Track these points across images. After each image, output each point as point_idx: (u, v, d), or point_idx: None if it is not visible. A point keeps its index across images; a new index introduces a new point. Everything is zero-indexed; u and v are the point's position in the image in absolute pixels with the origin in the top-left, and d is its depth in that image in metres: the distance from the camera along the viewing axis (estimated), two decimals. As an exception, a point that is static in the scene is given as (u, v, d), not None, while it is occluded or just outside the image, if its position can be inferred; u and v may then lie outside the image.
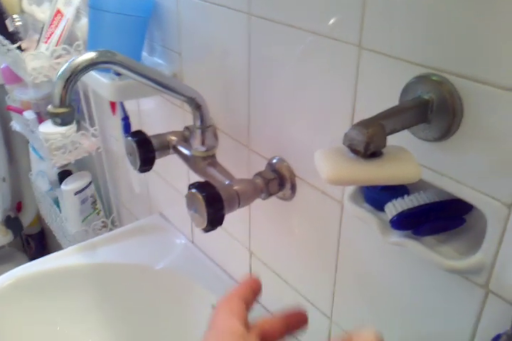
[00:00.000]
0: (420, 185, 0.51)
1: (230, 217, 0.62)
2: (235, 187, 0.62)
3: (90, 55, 0.56)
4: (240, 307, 0.40)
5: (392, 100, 0.48)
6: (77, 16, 1.08)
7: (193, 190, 0.59)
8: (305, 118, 0.61)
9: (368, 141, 0.39)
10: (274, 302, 0.82)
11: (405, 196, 0.49)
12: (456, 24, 0.41)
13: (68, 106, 0.55)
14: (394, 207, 0.49)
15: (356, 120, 0.54)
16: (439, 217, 0.49)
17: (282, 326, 0.41)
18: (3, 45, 1.12)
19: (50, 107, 0.54)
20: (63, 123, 0.54)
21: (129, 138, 0.72)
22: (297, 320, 0.43)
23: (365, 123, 0.40)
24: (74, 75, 0.55)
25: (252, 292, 0.42)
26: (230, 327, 0.38)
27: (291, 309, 0.43)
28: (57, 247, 1.61)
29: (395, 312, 0.58)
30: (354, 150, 0.40)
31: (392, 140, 0.42)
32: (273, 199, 0.68)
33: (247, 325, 0.38)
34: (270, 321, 0.41)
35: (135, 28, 0.79)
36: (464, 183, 0.45)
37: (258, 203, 0.66)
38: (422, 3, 0.43)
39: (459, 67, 0.42)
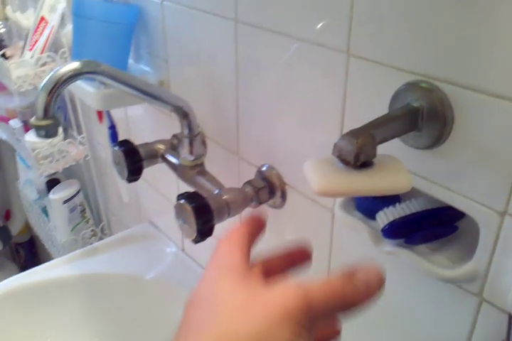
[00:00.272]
0: (411, 193, 0.50)
1: (220, 225, 0.61)
2: (225, 197, 0.61)
3: (74, 65, 0.55)
4: (242, 243, 0.37)
5: (382, 107, 0.47)
6: (62, 23, 1.06)
7: (182, 201, 0.58)
8: (294, 125, 0.60)
9: (358, 152, 0.39)
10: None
11: (397, 204, 0.49)
12: (445, 30, 0.41)
13: (52, 117, 0.53)
14: (385, 216, 0.48)
15: (346, 127, 0.53)
16: (431, 225, 0.48)
17: (285, 263, 0.39)
18: (-13, 54, 1.10)
19: (33, 119, 0.53)
20: (47, 136, 0.53)
21: (116, 148, 0.71)
22: (301, 256, 0.40)
23: (354, 133, 0.40)
24: (57, 86, 0.54)
25: (256, 228, 0.40)
26: (231, 264, 0.35)
27: (295, 244, 0.41)
28: (48, 255, 1.59)
29: (388, 320, 0.57)
30: (344, 161, 0.40)
31: (382, 148, 0.41)
32: (263, 207, 0.67)
33: (248, 262, 0.36)
34: (273, 259, 0.39)
35: (120, 36, 0.78)
36: (456, 191, 0.44)
37: (248, 211, 0.66)
38: (411, 9, 0.43)
39: (449, 73, 0.41)
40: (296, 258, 0.40)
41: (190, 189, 0.71)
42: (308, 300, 0.31)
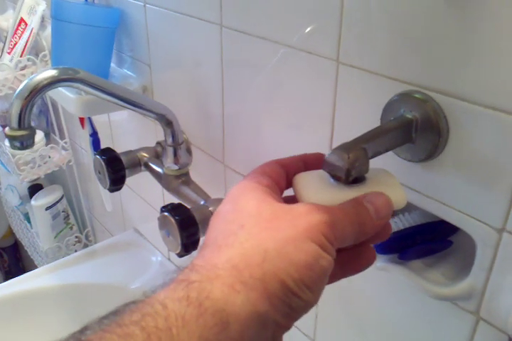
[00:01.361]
0: (405, 207, 0.48)
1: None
2: (210, 208, 0.59)
3: (51, 72, 0.52)
4: (276, 173, 0.36)
5: (373, 116, 0.45)
6: (42, 25, 1.03)
7: (166, 213, 0.56)
8: (282, 133, 0.58)
9: (349, 167, 0.36)
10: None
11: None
12: (439, 38, 0.39)
13: (27, 128, 0.51)
14: (378, 231, 0.46)
15: (336, 137, 0.51)
16: (426, 240, 0.46)
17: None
18: (-35, 56, 1.07)
19: (7, 130, 0.50)
20: (22, 147, 0.51)
21: (98, 157, 0.68)
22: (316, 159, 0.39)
23: (345, 148, 0.37)
24: (33, 94, 0.51)
25: (305, 164, 0.38)
26: (255, 183, 0.34)
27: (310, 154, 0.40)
28: (32, 260, 1.55)
29: (381, 337, 0.55)
30: (335, 176, 0.38)
31: (374, 160, 0.39)
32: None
33: (275, 186, 0.35)
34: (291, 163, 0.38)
35: (101, 40, 0.75)
36: (451, 206, 0.42)
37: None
38: (403, 17, 0.41)
39: (443, 84, 0.40)
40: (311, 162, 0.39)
41: (175, 198, 0.69)
42: (330, 215, 0.31)
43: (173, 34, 0.69)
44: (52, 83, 0.52)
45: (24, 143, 0.51)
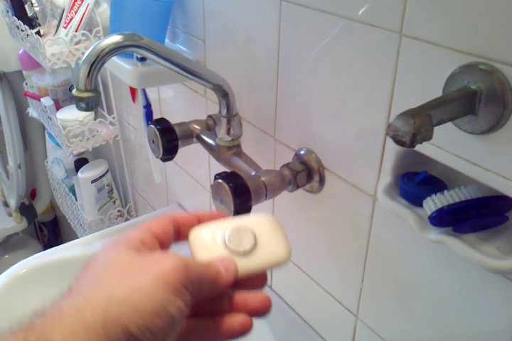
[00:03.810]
0: (460, 180, 0.48)
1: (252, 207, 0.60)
2: (263, 178, 0.60)
3: (116, 38, 0.54)
4: (162, 229, 0.37)
5: (434, 91, 0.45)
6: (97, 2, 1.05)
7: (220, 180, 0.57)
8: (336, 108, 0.58)
9: (415, 132, 0.37)
10: (297, 297, 0.80)
11: (445, 191, 0.47)
12: (506, 6, 0.38)
13: (93, 90, 0.53)
14: (433, 203, 0.46)
15: (393, 111, 0.51)
16: (481, 214, 0.46)
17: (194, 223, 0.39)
18: (22, 30, 1.10)
19: (74, 91, 0.52)
20: (88, 108, 0.53)
21: (152, 126, 0.70)
22: (210, 217, 0.40)
23: (411, 113, 0.38)
24: (99, 59, 0.53)
25: (199, 221, 0.39)
26: (128, 236, 0.35)
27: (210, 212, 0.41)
28: (71, 235, 1.60)
29: (428, 311, 0.56)
30: (399, 142, 0.38)
31: (435, 132, 0.39)
32: (298, 191, 0.66)
33: (152, 239, 0.36)
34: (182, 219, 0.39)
35: (158, 14, 0.77)
36: (511, 179, 0.42)
37: (282, 195, 0.64)
38: (474, -14, 0.40)
39: (509, 54, 0.39)
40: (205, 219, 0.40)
41: (224, 170, 0.70)
42: (185, 261, 0.33)
43: (231, 9, 0.70)
44: (117, 48, 0.54)
45: (90, 104, 0.52)
